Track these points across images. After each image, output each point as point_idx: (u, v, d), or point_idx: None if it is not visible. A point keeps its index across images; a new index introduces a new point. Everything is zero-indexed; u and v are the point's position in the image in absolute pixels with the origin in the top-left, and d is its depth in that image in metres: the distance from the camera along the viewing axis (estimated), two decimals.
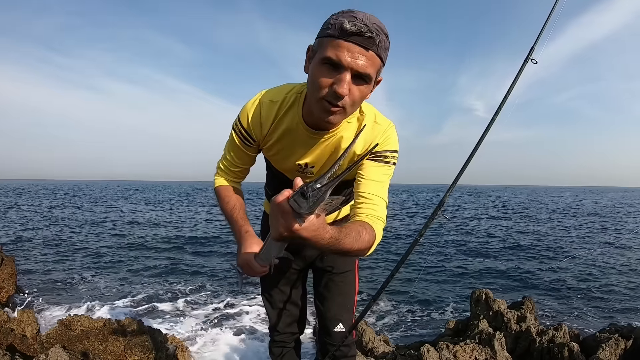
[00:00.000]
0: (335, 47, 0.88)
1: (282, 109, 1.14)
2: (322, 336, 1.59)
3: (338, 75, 0.90)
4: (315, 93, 0.95)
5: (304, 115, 1.11)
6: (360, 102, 1.00)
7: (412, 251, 1.49)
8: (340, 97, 0.91)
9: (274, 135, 1.18)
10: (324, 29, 0.93)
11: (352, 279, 1.58)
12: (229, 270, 8.72)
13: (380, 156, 1.14)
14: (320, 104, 0.95)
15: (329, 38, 0.90)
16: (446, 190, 1.54)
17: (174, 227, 16.59)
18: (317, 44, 0.95)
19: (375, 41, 0.88)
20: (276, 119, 1.15)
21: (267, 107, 1.15)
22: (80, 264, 9.18)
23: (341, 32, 0.87)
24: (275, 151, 1.22)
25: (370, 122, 1.14)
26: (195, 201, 36.85)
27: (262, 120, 1.16)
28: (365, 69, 0.90)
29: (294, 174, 1.24)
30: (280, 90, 1.16)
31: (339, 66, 0.89)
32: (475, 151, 1.51)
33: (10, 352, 2.88)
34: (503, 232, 15.81)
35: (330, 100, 0.93)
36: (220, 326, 5.34)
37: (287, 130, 1.15)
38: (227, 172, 1.31)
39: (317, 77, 0.93)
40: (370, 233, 0.99)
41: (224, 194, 1.27)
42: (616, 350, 2.97)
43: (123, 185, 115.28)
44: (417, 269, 8.43)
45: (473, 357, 2.97)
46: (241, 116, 1.18)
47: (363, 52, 0.88)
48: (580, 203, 40.92)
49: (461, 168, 1.52)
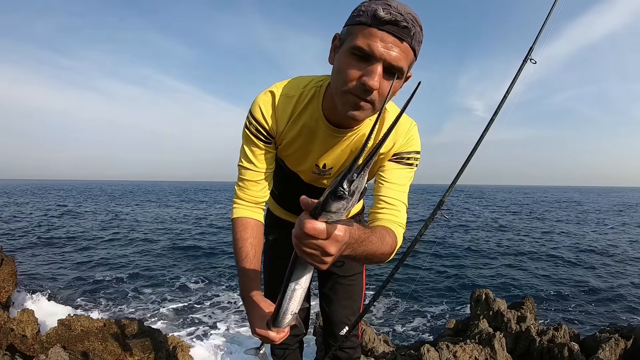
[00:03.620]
0: (367, 36, 0.80)
1: (300, 104, 1.04)
2: (328, 338, 1.57)
3: (369, 66, 0.81)
4: (341, 85, 0.86)
5: (325, 110, 1.01)
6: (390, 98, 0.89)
7: (412, 251, 1.49)
8: (370, 90, 0.82)
9: (290, 134, 1.07)
10: (354, 16, 0.84)
11: (359, 283, 1.55)
12: (229, 271, 8.72)
13: (403, 158, 1.07)
14: (345, 97, 0.87)
15: (361, 26, 0.81)
16: (446, 190, 1.54)
17: (174, 227, 16.59)
18: (346, 32, 0.86)
19: (410, 32, 0.80)
20: (293, 115, 1.04)
21: (282, 101, 1.04)
22: (80, 264, 9.18)
23: (374, 20, 0.79)
24: (292, 151, 1.11)
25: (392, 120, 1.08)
26: (198, 200, 36.86)
27: (278, 116, 1.05)
28: (399, 62, 0.81)
29: (310, 176, 1.18)
30: (296, 83, 1.05)
31: (370, 57, 0.81)
32: (475, 151, 1.51)
33: (10, 352, 2.88)
34: (503, 232, 15.81)
35: (358, 93, 0.84)
36: (221, 325, 5.34)
37: (305, 127, 1.05)
38: (248, 188, 1.11)
39: (345, 68, 0.84)
40: (393, 238, 0.94)
41: (240, 234, 1.08)
42: (616, 350, 2.96)
43: (124, 185, 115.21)
44: (417, 269, 8.44)
45: (473, 357, 2.97)
46: (254, 111, 1.05)
47: (397, 43, 0.80)
48: (580, 203, 40.90)
49: (461, 168, 1.52)
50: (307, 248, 0.65)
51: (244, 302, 1.07)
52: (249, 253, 1.07)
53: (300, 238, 0.64)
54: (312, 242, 0.64)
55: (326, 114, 1.02)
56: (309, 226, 0.61)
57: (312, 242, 0.64)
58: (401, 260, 1.51)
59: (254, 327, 1.01)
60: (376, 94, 0.84)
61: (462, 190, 1.67)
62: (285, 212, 1.48)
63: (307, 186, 1.24)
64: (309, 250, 0.65)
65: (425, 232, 1.50)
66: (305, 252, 0.66)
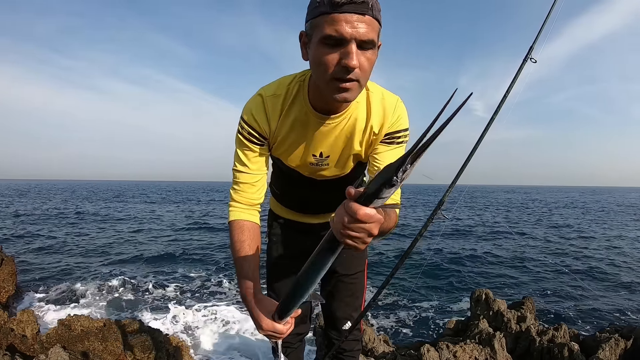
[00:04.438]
0: (332, 22, 0.84)
1: (288, 100, 1.09)
2: (329, 332, 1.60)
3: (343, 49, 0.85)
4: (323, 75, 0.90)
5: (312, 101, 1.06)
6: (370, 71, 0.94)
7: (411, 251, 1.49)
8: (352, 69, 0.86)
9: (282, 130, 1.11)
10: (313, 9, 0.88)
11: (361, 280, 1.57)
12: (230, 271, 8.73)
13: (394, 138, 1.10)
14: (332, 84, 0.90)
15: (322, 16, 0.85)
16: (446, 190, 1.53)
17: (174, 227, 16.59)
18: (310, 26, 0.90)
19: (368, 4, 0.84)
20: (283, 111, 1.09)
21: (271, 101, 1.09)
22: (80, 264, 9.18)
23: (332, 6, 0.83)
24: (287, 146, 1.15)
25: (378, 99, 1.09)
26: (199, 200, 36.87)
27: (269, 116, 1.09)
28: (368, 35, 0.85)
29: (308, 168, 1.20)
30: (280, 83, 1.11)
31: (341, 40, 0.84)
32: (475, 151, 1.51)
33: (10, 352, 2.88)
34: (503, 232, 15.81)
35: (342, 76, 0.88)
36: (221, 325, 5.34)
37: (296, 121, 1.09)
38: (243, 191, 1.15)
39: (322, 58, 0.87)
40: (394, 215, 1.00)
41: (237, 236, 1.12)
42: (616, 350, 2.96)
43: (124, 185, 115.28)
44: (417, 269, 8.44)
45: (473, 357, 2.97)
46: (245, 116, 1.10)
47: (361, 19, 0.84)
48: (579, 203, 40.90)
49: (460, 167, 1.52)
50: (355, 232, 0.72)
51: (245, 302, 1.09)
52: (247, 255, 1.10)
53: (351, 223, 0.70)
54: (361, 227, 0.71)
55: (313, 104, 1.06)
56: (362, 212, 0.68)
57: (361, 227, 0.71)
58: (401, 260, 1.51)
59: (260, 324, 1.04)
60: (358, 71, 0.88)
61: (462, 190, 1.67)
62: (287, 210, 1.49)
63: (308, 180, 1.26)
64: (356, 234, 0.72)
65: (425, 232, 1.50)
66: (351, 237, 0.72)
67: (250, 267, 1.10)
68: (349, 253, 1.48)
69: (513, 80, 1.52)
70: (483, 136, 1.51)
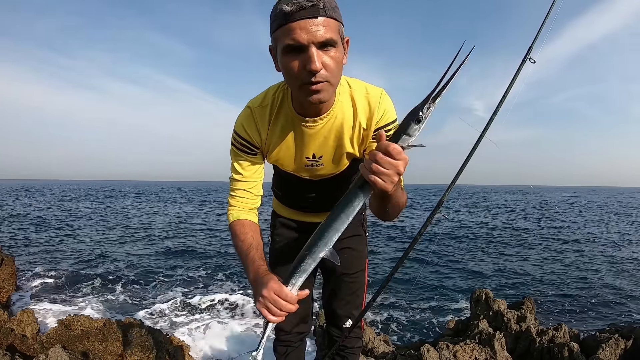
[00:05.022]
0: (288, 32, 0.88)
1: (274, 109, 1.15)
2: (331, 330, 1.62)
3: (304, 55, 0.89)
4: (294, 82, 0.95)
5: (296, 108, 1.11)
6: (340, 69, 0.98)
7: (411, 251, 1.49)
8: (315, 72, 0.90)
9: (273, 138, 1.17)
10: (272, 24, 0.93)
11: (362, 279, 1.59)
12: (230, 271, 8.73)
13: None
14: (303, 89, 0.95)
15: (280, 28, 0.90)
16: (445, 190, 1.53)
17: (175, 227, 16.60)
18: (273, 39, 0.94)
19: (319, 7, 0.87)
20: (270, 120, 1.15)
21: (259, 112, 1.15)
22: (80, 264, 9.19)
23: (285, 17, 0.87)
24: (280, 153, 1.20)
25: (362, 95, 1.13)
26: (200, 200, 36.88)
27: (258, 126, 1.16)
28: (325, 36, 0.88)
29: (304, 170, 1.25)
30: (265, 94, 1.17)
31: (301, 47, 0.89)
32: (474, 151, 1.51)
33: (10, 352, 2.88)
34: (503, 232, 15.81)
35: (308, 81, 0.92)
36: (222, 325, 5.34)
37: (284, 127, 1.15)
38: (240, 197, 1.22)
39: (289, 66, 0.92)
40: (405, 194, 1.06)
41: (240, 230, 1.17)
42: (616, 350, 2.96)
43: (124, 185, 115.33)
44: (416, 269, 8.44)
45: (473, 357, 2.97)
46: (237, 129, 1.17)
47: (314, 23, 0.87)
48: (579, 203, 40.91)
49: (460, 167, 1.52)
50: (385, 168, 0.81)
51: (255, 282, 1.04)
52: (251, 243, 1.14)
53: (382, 159, 0.80)
54: (390, 162, 0.80)
55: (298, 110, 1.11)
56: (393, 147, 0.79)
57: (390, 162, 0.80)
58: (401, 260, 1.51)
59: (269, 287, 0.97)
60: (324, 72, 0.92)
61: (462, 190, 1.67)
62: (290, 209, 1.52)
63: (307, 182, 1.31)
64: (386, 170, 0.81)
65: (425, 231, 1.50)
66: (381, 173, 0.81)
67: (257, 253, 1.11)
68: (349, 253, 1.50)
69: (512, 80, 1.52)
70: (482, 136, 1.51)
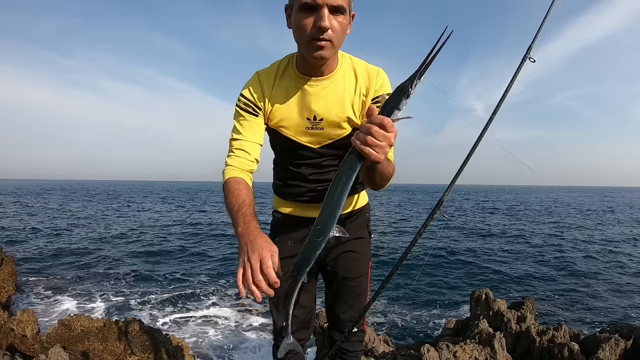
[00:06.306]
0: None
1: (279, 72, 1.26)
2: (333, 334, 1.60)
3: (317, 14, 1.02)
4: (302, 37, 1.08)
5: (299, 68, 1.22)
6: (344, 35, 1.11)
7: (411, 251, 1.48)
8: (324, 29, 1.02)
9: (276, 98, 1.25)
10: None
11: (365, 283, 1.57)
12: (230, 271, 8.73)
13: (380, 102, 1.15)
14: (310, 44, 1.07)
15: None
16: (445, 190, 1.53)
17: (174, 228, 16.59)
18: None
19: None
20: (275, 80, 1.25)
21: (265, 75, 1.27)
22: (80, 264, 9.19)
23: None
24: (282, 113, 1.26)
25: (362, 66, 1.26)
26: (199, 199, 36.88)
27: (263, 87, 1.26)
28: (338, 2, 1.02)
29: (305, 135, 1.28)
30: (273, 63, 1.29)
31: (315, 7, 1.02)
32: (474, 151, 1.51)
33: (10, 352, 2.88)
34: (503, 232, 15.81)
35: (316, 37, 1.04)
36: (222, 325, 5.34)
37: (288, 87, 1.25)
38: (238, 156, 1.23)
39: (300, 22, 1.05)
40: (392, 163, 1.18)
41: (234, 187, 1.15)
42: (616, 350, 2.96)
43: (124, 185, 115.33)
44: (416, 269, 8.44)
45: (473, 357, 2.97)
46: (243, 92, 1.27)
47: None
48: (579, 202, 40.90)
49: (460, 167, 1.52)
50: (380, 141, 0.87)
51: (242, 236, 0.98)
52: (245, 200, 1.12)
53: (377, 132, 0.87)
54: (383, 134, 0.87)
55: (301, 70, 1.22)
56: (387, 120, 0.87)
57: (383, 134, 0.87)
58: (401, 260, 1.51)
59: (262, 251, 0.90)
60: (331, 33, 1.05)
61: (461, 190, 1.67)
62: (290, 202, 1.45)
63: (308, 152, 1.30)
64: (379, 142, 0.87)
65: (424, 231, 1.50)
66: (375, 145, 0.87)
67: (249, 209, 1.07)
68: (353, 256, 1.48)
69: (512, 80, 1.52)
70: (482, 136, 1.51)
